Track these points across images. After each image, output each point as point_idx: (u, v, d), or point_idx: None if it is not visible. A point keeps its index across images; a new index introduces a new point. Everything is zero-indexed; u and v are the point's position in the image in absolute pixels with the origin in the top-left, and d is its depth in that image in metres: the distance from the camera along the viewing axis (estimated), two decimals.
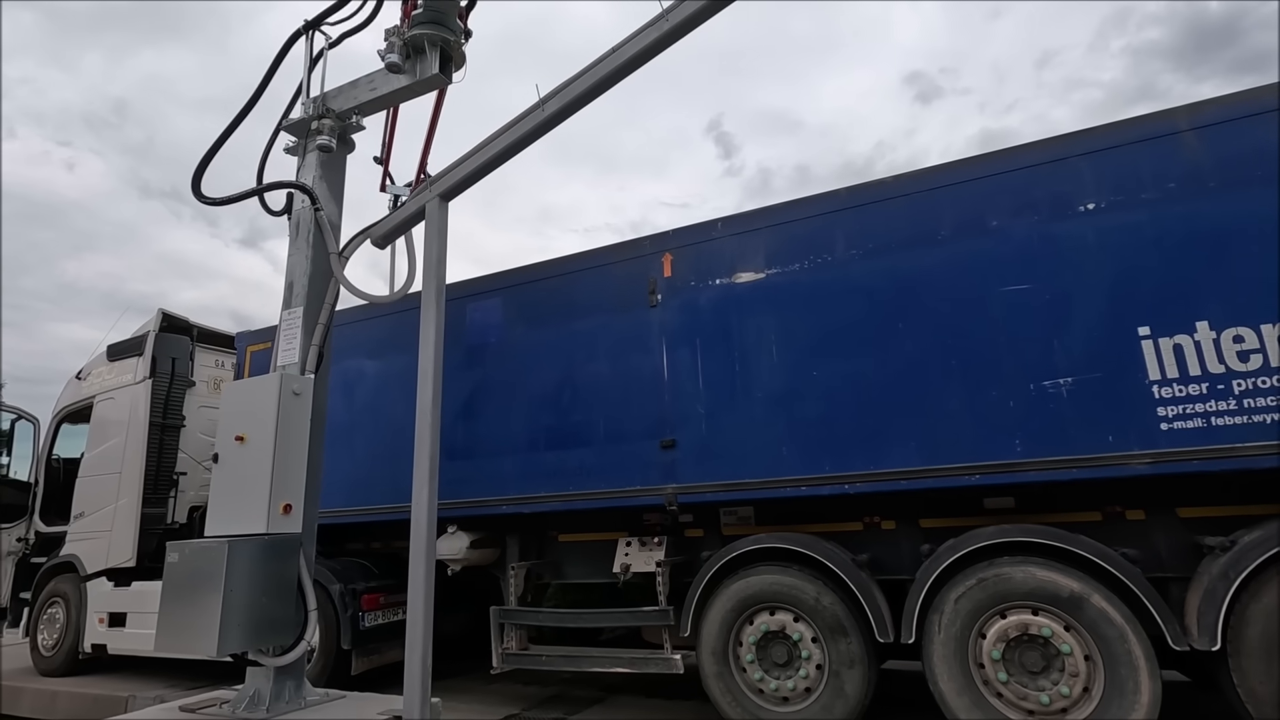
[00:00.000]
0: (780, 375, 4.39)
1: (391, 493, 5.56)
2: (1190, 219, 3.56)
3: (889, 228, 4.25)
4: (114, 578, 7.24)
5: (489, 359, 5.52)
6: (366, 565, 6.19)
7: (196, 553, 4.11)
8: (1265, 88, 3.60)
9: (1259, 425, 3.27)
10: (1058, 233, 3.82)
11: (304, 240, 5.03)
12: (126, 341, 8.11)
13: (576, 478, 4.91)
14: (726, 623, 4.33)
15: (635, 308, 4.94)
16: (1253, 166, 3.48)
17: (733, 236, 4.72)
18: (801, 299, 4.42)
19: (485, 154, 4.59)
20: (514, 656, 5.06)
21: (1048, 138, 4.04)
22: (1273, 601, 3.20)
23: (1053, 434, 3.66)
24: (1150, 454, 3.45)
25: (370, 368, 6.14)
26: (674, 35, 4.01)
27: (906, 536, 4.31)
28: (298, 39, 5.46)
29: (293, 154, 5.39)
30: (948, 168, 4.23)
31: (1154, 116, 3.79)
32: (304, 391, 4.57)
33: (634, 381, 4.84)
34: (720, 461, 4.45)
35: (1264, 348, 3.31)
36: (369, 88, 5.20)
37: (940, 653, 3.76)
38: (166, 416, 7.70)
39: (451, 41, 4.94)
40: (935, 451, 3.91)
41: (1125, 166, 3.74)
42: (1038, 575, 3.61)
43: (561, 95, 4.32)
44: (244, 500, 4.29)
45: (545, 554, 5.56)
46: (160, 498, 7.56)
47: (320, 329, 4.86)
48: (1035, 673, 3.58)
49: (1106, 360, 3.60)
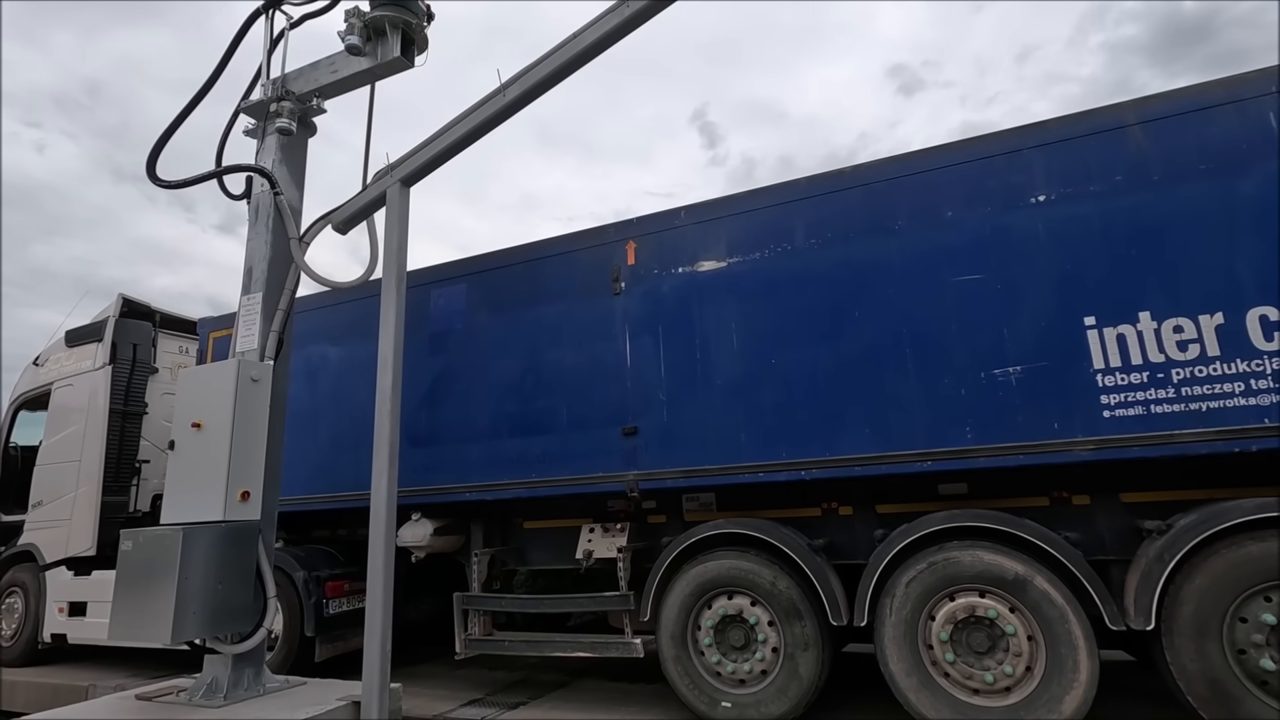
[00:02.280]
0: (740, 362, 4.43)
1: (355, 480, 5.52)
2: (1135, 212, 3.64)
3: (847, 217, 4.29)
4: (74, 567, 7.14)
5: (453, 345, 5.50)
6: (332, 552, 6.16)
7: (151, 540, 4.07)
8: (1208, 83, 3.68)
9: (1195, 413, 3.38)
10: (1009, 223, 3.89)
11: (263, 225, 4.96)
12: (85, 327, 7.94)
13: (540, 464, 4.92)
14: (686, 607, 4.39)
15: (599, 295, 4.95)
16: (1195, 161, 3.57)
17: (695, 225, 4.73)
18: (761, 287, 4.46)
19: (446, 139, 4.55)
20: (477, 642, 5.09)
21: (1002, 130, 4.10)
22: (1205, 583, 3.32)
23: (1002, 421, 3.75)
24: (1093, 440, 3.55)
25: (334, 354, 6.08)
26: (634, 21, 4.01)
27: (863, 521, 4.39)
28: (256, 19, 5.36)
29: (252, 136, 5.29)
30: (905, 158, 4.28)
31: (1103, 110, 3.86)
32: (262, 378, 4.52)
33: (597, 369, 4.85)
34: (681, 448, 4.48)
35: (1201, 338, 3.41)
36: (330, 70, 5.12)
37: (891, 635, 3.85)
38: (128, 404, 7.57)
39: (414, 24, 4.89)
40: (889, 438, 3.98)
41: (1075, 160, 3.81)
42: (985, 559, 3.71)
43: (522, 81, 4.30)
44: (200, 487, 4.25)
45: (510, 540, 5.58)
46: (122, 486, 7.45)
47: (280, 315, 4.81)
48: (981, 653, 3.68)
49: (1053, 349, 3.68)
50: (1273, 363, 3.27)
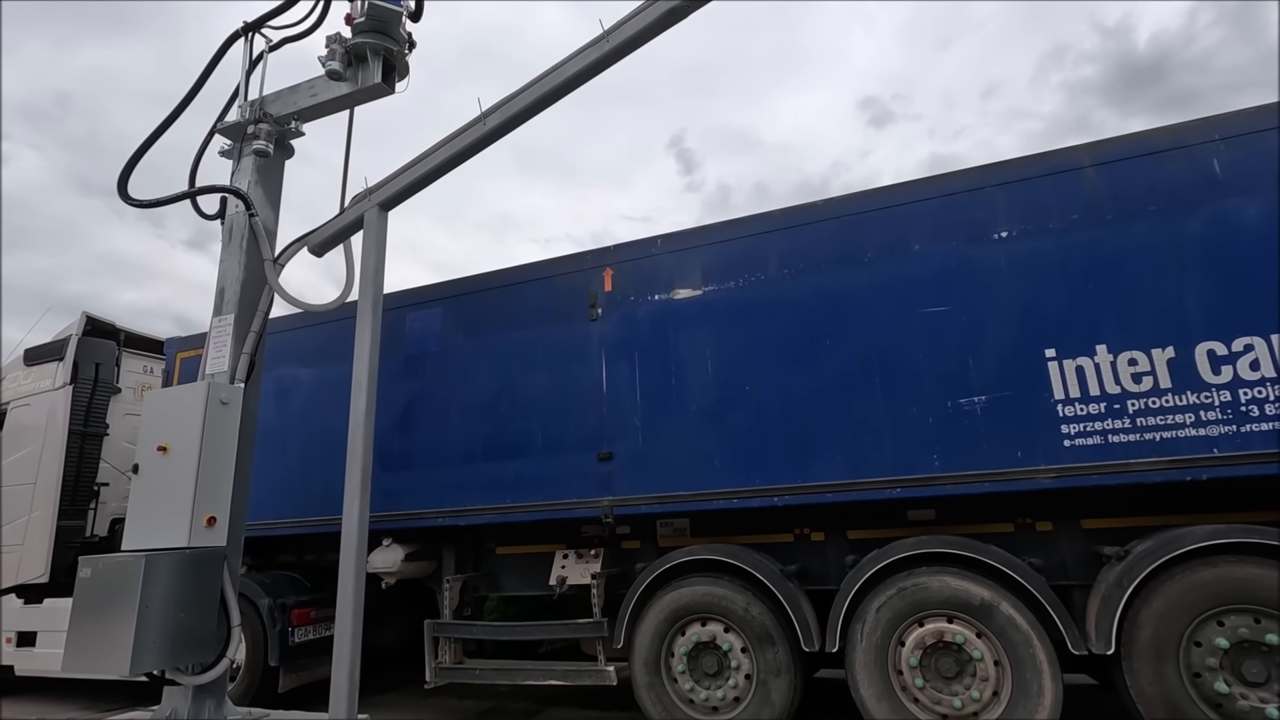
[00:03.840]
0: (714, 389, 4.49)
1: (325, 504, 5.45)
2: (1091, 248, 3.81)
3: (818, 249, 4.41)
4: (24, 594, 6.88)
5: (428, 369, 5.48)
6: (298, 579, 6.03)
7: (111, 568, 3.96)
8: (1157, 129, 3.89)
9: (1150, 443, 3.51)
10: (973, 257, 4.04)
11: (237, 246, 4.92)
12: (46, 345, 7.73)
13: (514, 489, 4.91)
14: (659, 633, 4.39)
15: (575, 320, 4.99)
16: (1145, 202, 3.75)
17: (672, 253, 4.81)
18: (735, 315, 4.54)
19: (425, 165, 4.59)
20: (448, 670, 5.00)
21: (965, 168, 4.27)
22: (1161, 607, 3.43)
23: (968, 449, 3.85)
24: (1055, 469, 3.66)
25: (305, 376, 6.01)
26: (614, 56, 4.10)
27: (834, 547, 4.44)
28: (235, 40, 5.36)
29: (228, 157, 5.27)
30: (874, 193, 4.42)
31: (1060, 152, 4.05)
32: (232, 401, 4.45)
33: (573, 394, 4.88)
34: (656, 473, 4.51)
35: (1154, 370, 3.56)
36: (309, 93, 5.13)
37: (862, 660, 3.89)
38: (88, 424, 7.36)
39: (395, 51, 4.93)
40: (860, 465, 4.06)
41: (1034, 198, 3.98)
42: (952, 584, 3.78)
43: (503, 110, 4.37)
44: (164, 512, 4.15)
45: (482, 566, 5.53)
46: (79, 509, 7.22)
47: (252, 337, 4.76)
48: (949, 678, 3.74)
49: (1016, 380, 3.81)
50: (1220, 395, 3.43)
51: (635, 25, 3.99)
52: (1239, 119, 3.71)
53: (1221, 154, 3.67)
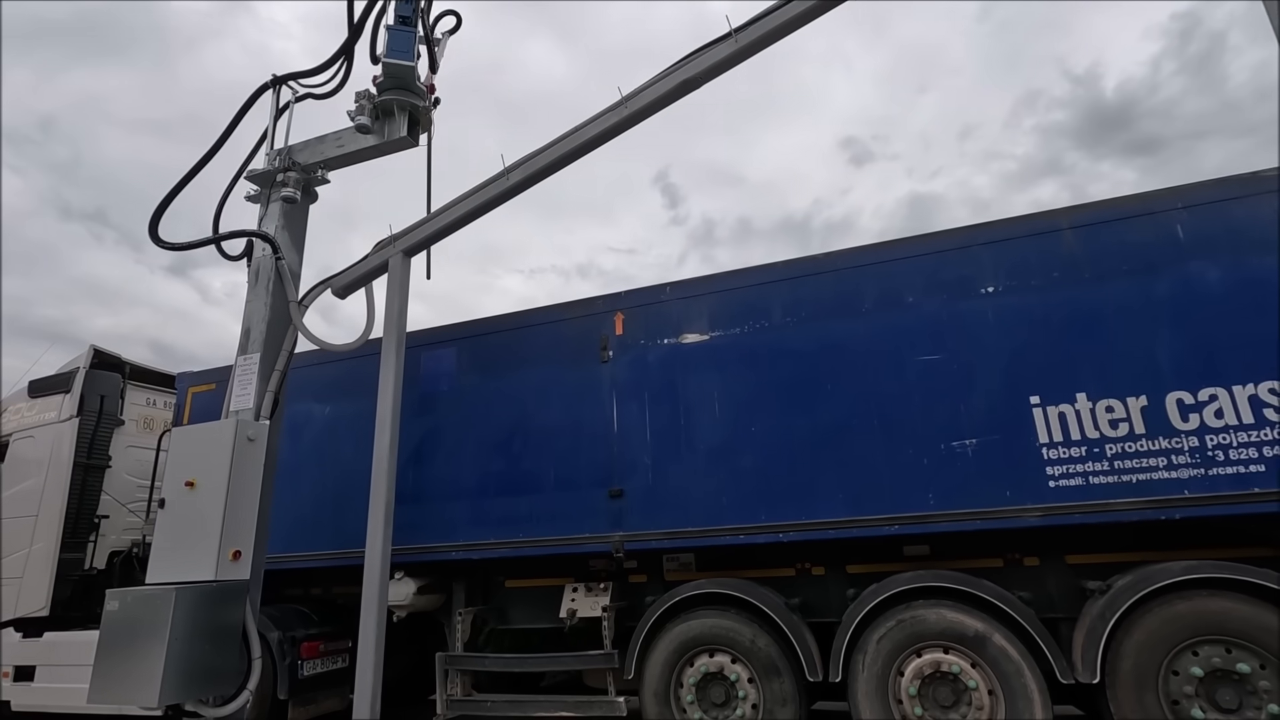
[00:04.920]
0: (721, 430, 4.75)
1: (337, 538, 5.59)
2: (1070, 304, 4.15)
3: (819, 299, 4.72)
4: (22, 628, 6.85)
5: (442, 407, 5.67)
6: (306, 612, 6.11)
7: (140, 600, 4.09)
8: (1126, 197, 4.28)
9: (1127, 484, 3.81)
10: (963, 310, 4.36)
11: (263, 288, 5.14)
12: (52, 378, 7.81)
13: (527, 525, 5.08)
14: (669, 664, 4.56)
15: (587, 362, 5.24)
16: (1119, 263, 4.11)
17: (680, 300, 5.10)
18: (741, 360, 4.82)
19: (450, 215, 4.87)
20: (459, 703, 5.11)
21: (955, 227, 4.62)
22: (1142, 639, 3.69)
23: (960, 488, 4.12)
24: (1041, 508, 3.94)
25: (319, 412, 6.17)
26: (630, 121, 4.44)
27: (835, 581, 4.67)
28: (264, 91, 5.64)
29: (254, 202, 5.52)
30: (870, 248, 4.76)
31: (1041, 215, 4.42)
32: (258, 437, 4.63)
33: (584, 432, 5.10)
34: (665, 510, 4.73)
35: (1129, 417, 3.88)
36: (336, 144, 5.42)
37: (864, 690, 4.09)
38: (91, 456, 7.42)
39: (420, 107, 5.25)
40: (859, 503, 4.31)
41: (1018, 256, 4.33)
42: (948, 617, 4.02)
43: (525, 167, 4.67)
44: (192, 546, 4.29)
45: (491, 600, 5.66)
46: (78, 542, 7.24)
47: (277, 375, 4.95)
48: (946, 706, 3.95)
49: (1004, 424, 4.11)
50: (1189, 440, 3.75)
51: (650, 94, 4.34)
52: (1200, 189, 4.11)
53: (1185, 221, 4.05)
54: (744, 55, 4.19)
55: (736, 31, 4.17)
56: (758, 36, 4.13)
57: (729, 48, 4.18)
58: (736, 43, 4.16)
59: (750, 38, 4.14)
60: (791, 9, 4.00)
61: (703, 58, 4.24)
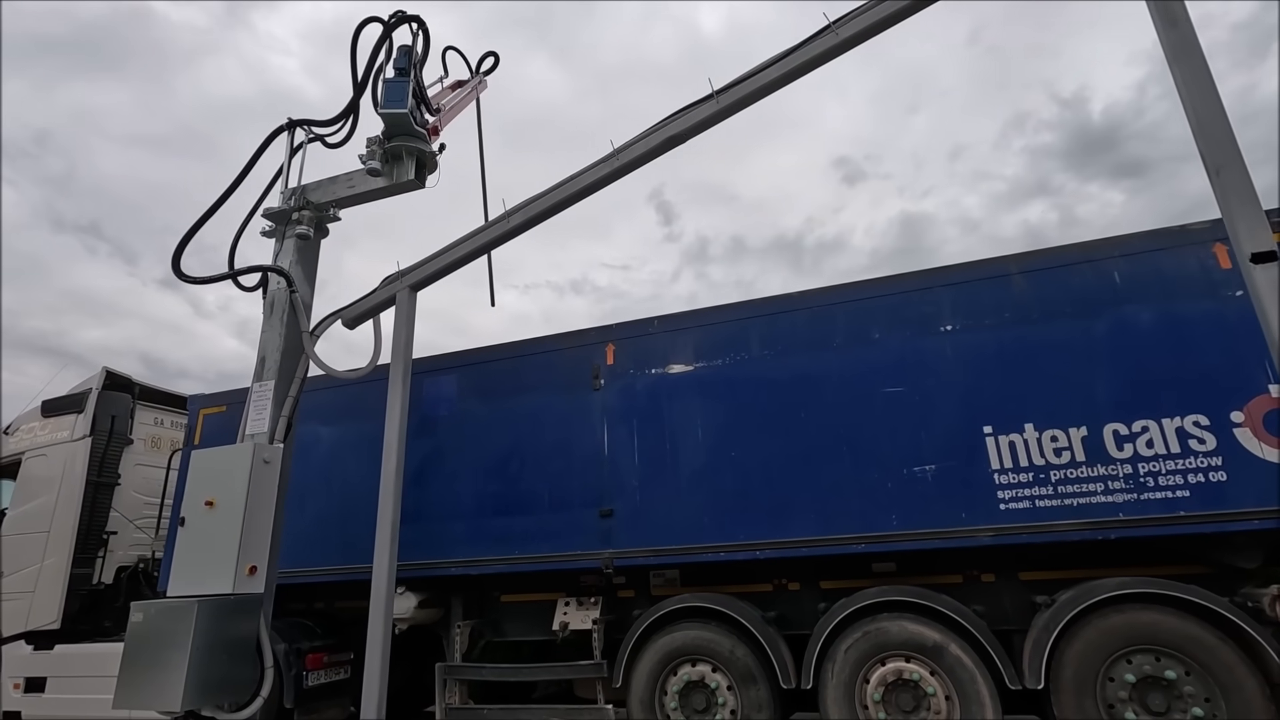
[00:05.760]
0: (703, 454, 5.12)
1: (342, 554, 5.90)
2: (1019, 342, 4.57)
3: (794, 334, 5.12)
4: (33, 640, 7.10)
5: (442, 431, 6.03)
6: (309, 625, 6.40)
7: (163, 612, 4.39)
8: (1070, 245, 4.71)
9: (1069, 507, 4.21)
10: (924, 346, 4.77)
11: (278, 319, 5.49)
12: (65, 398, 8.12)
13: (522, 542, 5.43)
14: (654, 674, 4.90)
15: (580, 390, 5.61)
16: (1062, 305, 4.54)
17: (667, 333, 5.50)
18: (722, 389, 5.21)
19: (455, 253, 5.26)
20: (457, 711, 5.42)
21: (917, 270, 5.04)
22: (1081, 648, 4.06)
23: (921, 510, 4.50)
24: (993, 528, 4.33)
25: (324, 434, 6.50)
26: (622, 171, 4.85)
27: (809, 596, 5.03)
28: (279, 134, 6.04)
29: (270, 237, 5.88)
30: (841, 288, 5.17)
31: (994, 260, 4.85)
32: (273, 460, 4.97)
33: (577, 455, 5.46)
34: (651, 529, 5.09)
35: (1071, 446, 4.28)
36: (347, 185, 5.81)
37: (833, 695, 4.44)
38: (102, 474, 7.72)
39: (427, 152, 5.66)
40: (830, 523, 4.68)
41: (974, 298, 4.75)
42: (909, 628, 4.39)
43: (525, 210, 5.07)
44: (211, 562, 4.60)
45: (486, 613, 5.98)
46: (88, 557, 7.52)
47: (290, 401, 5.29)
48: (908, 711, 4.31)
49: (960, 451, 4.50)
50: (1124, 468, 4.15)
51: (639, 148, 4.75)
52: (1135, 240, 4.54)
53: (1121, 268, 4.49)
54: (725, 115, 4.62)
55: (718, 93, 4.60)
56: (738, 98, 4.55)
57: (711, 108, 4.60)
58: (718, 103, 4.58)
59: (731, 99, 4.56)
60: (766, 75, 4.43)
61: (687, 116, 4.66)
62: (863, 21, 4.23)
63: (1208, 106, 3.20)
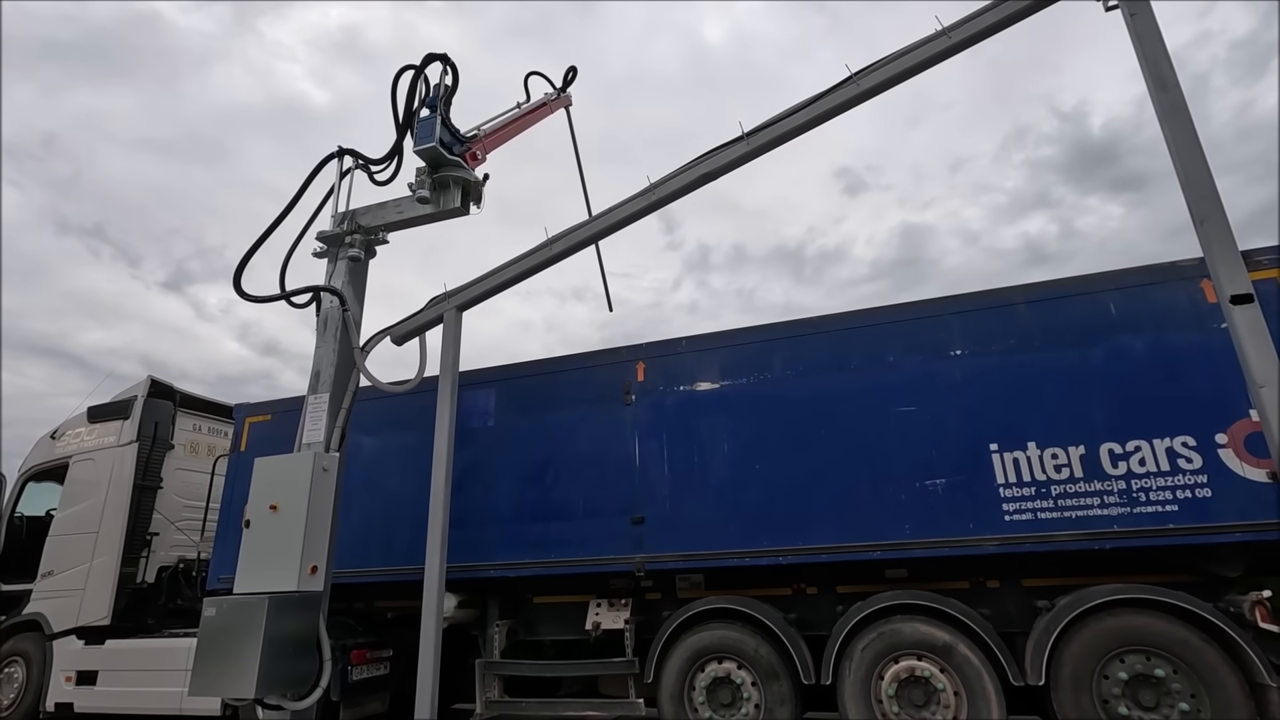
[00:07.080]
0: (729, 466, 5.51)
1: (386, 556, 6.29)
2: (1023, 367, 4.96)
3: (814, 355, 5.52)
4: (84, 636, 7.47)
5: (481, 442, 6.41)
6: (350, 623, 6.77)
7: (235, 607, 4.78)
8: (1070, 279, 5.12)
9: (1068, 519, 4.60)
10: (935, 369, 5.17)
11: (331, 335, 5.90)
12: (110, 405, 8.52)
13: (557, 547, 5.81)
14: (683, 670, 5.28)
15: (612, 404, 6.01)
16: (1063, 334, 4.94)
17: (694, 352, 5.90)
18: (747, 406, 5.60)
19: (500, 277, 5.66)
20: (496, 704, 5.79)
21: (928, 299, 5.45)
22: (1078, 648, 4.45)
23: (931, 520, 4.89)
24: (998, 538, 4.71)
25: (368, 443, 6.87)
26: (655, 206, 5.27)
27: (826, 599, 5.41)
28: (329, 161, 6.45)
29: (322, 258, 6.30)
30: (858, 313, 5.58)
31: (1001, 290, 5.25)
32: (331, 468, 5.36)
33: (610, 466, 5.85)
34: (680, 536, 5.47)
35: (1070, 463, 4.68)
36: (396, 210, 6.23)
37: (850, 691, 4.82)
38: (145, 478, 8.11)
39: (471, 181, 6.08)
40: (847, 531, 5.07)
41: (982, 325, 5.15)
42: (921, 629, 4.77)
43: (566, 239, 5.48)
44: (276, 561, 4.99)
45: (520, 614, 6.36)
46: (132, 557, 7.90)
47: (344, 412, 5.69)
48: (919, 706, 4.69)
49: (968, 467, 4.89)
50: (1118, 484, 4.54)
51: (674, 185, 5.17)
52: (1129, 274, 4.95)
53: (1116, 300, 4.90)
54: (755, 155, 5.04)
55: (748, 135, 5.02)
56: (767, 140, 4.97)
57: (742, 148, 5.02)
58: (749, 144, 5.01)
59: (761, 140, 4.98)
60: (794, 120, 4.85)
61: (719, 155, 5.08)
62: (880, 75, 4.66)
63: (1194, 163, 3.61)
